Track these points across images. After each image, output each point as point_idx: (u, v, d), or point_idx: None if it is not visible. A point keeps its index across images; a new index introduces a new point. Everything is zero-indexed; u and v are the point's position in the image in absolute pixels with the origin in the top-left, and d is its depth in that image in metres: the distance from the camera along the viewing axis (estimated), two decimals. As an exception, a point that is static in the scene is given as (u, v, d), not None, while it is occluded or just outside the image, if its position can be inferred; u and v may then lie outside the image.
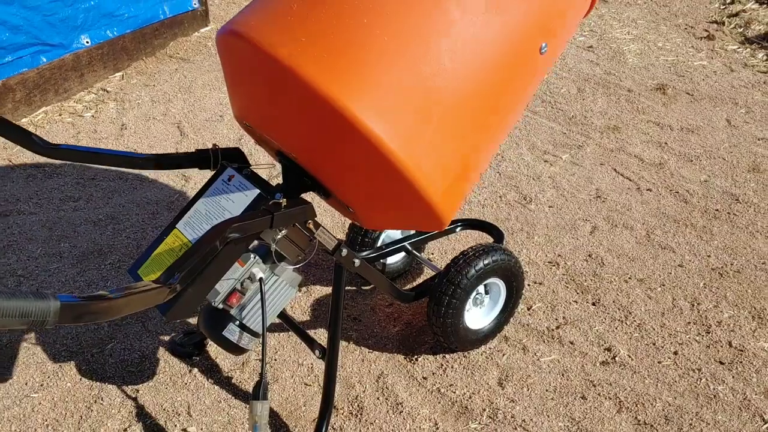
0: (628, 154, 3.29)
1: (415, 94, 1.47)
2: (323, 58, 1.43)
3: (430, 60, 1.48)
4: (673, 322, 2.32)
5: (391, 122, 1.44)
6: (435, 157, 1.54)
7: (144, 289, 1.18)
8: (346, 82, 1.42)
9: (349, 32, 1.46)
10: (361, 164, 1.52)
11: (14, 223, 2.81)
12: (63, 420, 1.99)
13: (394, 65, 1.45)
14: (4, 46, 3.38)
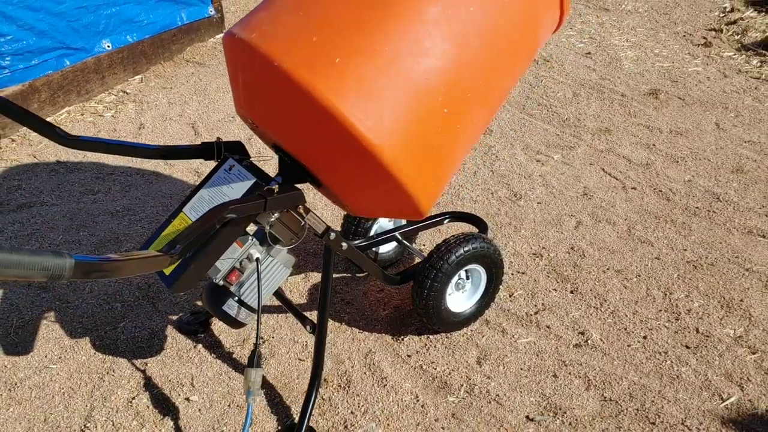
0: (617, 155, 3.45)
1: (395, 92, 1.65)
2: (314, 62, 1.61)
3: (409, 60, 1.66)
4: (645, 310, 2.48)
5: (372, 118, 1.62)
6: (414, 151, 1.72)
7: (147, 255, 1.38)
8: (331, 82, 1.60)
9: (338, 38, 1.64)
10: (346, 157, 1.71)
11: (37, 214, 3.04)
12: (78, 389, 2.19)
13: (376, 65, 1.63)
14: (31, 50, 3.62)
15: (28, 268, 1.12)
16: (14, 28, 3.49)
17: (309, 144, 1.76)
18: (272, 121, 1.83)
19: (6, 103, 1.87)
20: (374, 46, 1.63)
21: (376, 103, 1.63)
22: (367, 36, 1.64)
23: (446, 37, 1.69)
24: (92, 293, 2.58)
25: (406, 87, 1.66)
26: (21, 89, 3.62)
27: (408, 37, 1.65)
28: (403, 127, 1.67)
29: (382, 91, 1.64)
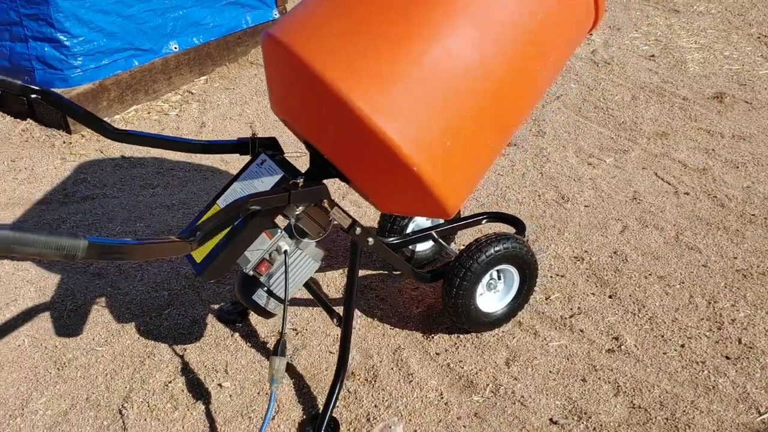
0: (672, 160, 3.35)
1: (427, 100, 1.68)
2: (348, 68, 1.65)
3: (442, 68, 1.68)
4: (686, 318, 2.40)
5: (403, 125, 1.65)
6: (442, 156, 1.74)
7: (165, 241, 1.45)
8: (365, 89, 1.64)
9: (373, 47, 1.67)
10: (374, 160, 1.74)
11: (99, 205, 3.21)
12: (120, 371, 2.31)
13: (410, 73, 1.66)
14: (102, 50, 3.83)
15: (43, 246, 1.21)
16: (86, 30, 3.70)
17: (338, 145, 1.81)
18: (304, 122, 1.88)
19: (60, 99, 2.00)
20: (410, 55, 1.66)
21: (408, 111, 1.66)
22: (403, 46, 1.66)
23: (480, 45, 1.71)
24: (142, 281, 2.71)
25: (437, 95, 1.68)
26: (92, 87, 3.84)
27: (442, 46, 1.67)
28: (432, 134, 1.70)
29: (413, 98, 1.67)
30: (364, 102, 1.63)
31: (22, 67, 3.74)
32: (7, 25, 3.66)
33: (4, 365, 2.34)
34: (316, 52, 1.68)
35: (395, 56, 1.66)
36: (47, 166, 3.54)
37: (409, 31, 1.68)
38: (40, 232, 1.20)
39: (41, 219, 3.12)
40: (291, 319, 2.49)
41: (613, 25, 5.03)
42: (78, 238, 1.25)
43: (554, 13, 1.81)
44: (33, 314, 2.57)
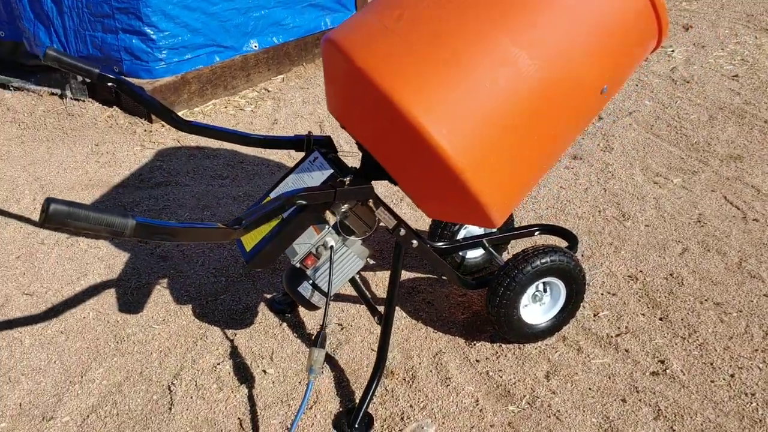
0: (745, 184, 3.23)
1: (478, 113, 1.71)
2: (406, 78, 1.70)
3: (496, 83, 1.71)
4: (739, 347, 2.33)
5: (453, 134, 1.69)
6: (491, 167, 1.76)
7: (208, 226, 1.54)
8: (418, 98, 1.68)
9: (434, 58, 1.71)
10: (423, 165, 1.78)
11: (171, 192, 3.37)
12: (173, 349, 2.43)
13: (464, 86, 1.69)
14: (185, 45, 4.01)
15: (95, 222, 1.31)
16: (172, 25, 3.89)
17: (390, 150, 1.85)
18: (357, 125, 1.94)
19: (132, 89, 2.14)
20: (465, 67, 1.69)
21: (459, 121, 1.69)
22: (458, 57, 1.70)
23: (535, 61, 1.72)
24: (203, 266, 2.84)
25: (490, 109, 1.71)
26: (174, 80, 4.03)
27: (497, 60, 1.70)
28: (481, 145, 1.72)
29: (466, 110, 1.70)
30: (417, 109, 1.67)
31: (112, 57, 3.97)
32: (101, 18, 3.89)
33: (69, 334, 2.50)
34: (375, 62, 1.73)
35: (452, 70, 1.70)
36: (127, 152, 3.74)
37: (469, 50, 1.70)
38: (91, 209, 1.30)
39: (117, 201, 3.31)
40: (337, 314, 2.55)
41: (698, 42, 4.89)
42: (127, 217, 1.35)
43: (615, 35, 1.80)
44: (100, 289, 2.73)
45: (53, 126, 4.04)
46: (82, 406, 2.22)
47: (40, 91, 4.32)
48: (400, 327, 2.49)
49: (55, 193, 3.39)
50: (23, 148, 3.83)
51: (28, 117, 4.14)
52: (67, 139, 3.91)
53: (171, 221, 1.45)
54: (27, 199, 3.35)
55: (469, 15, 1.73)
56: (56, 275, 2.81)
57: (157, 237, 1.42)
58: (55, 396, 2.26)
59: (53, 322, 2.57)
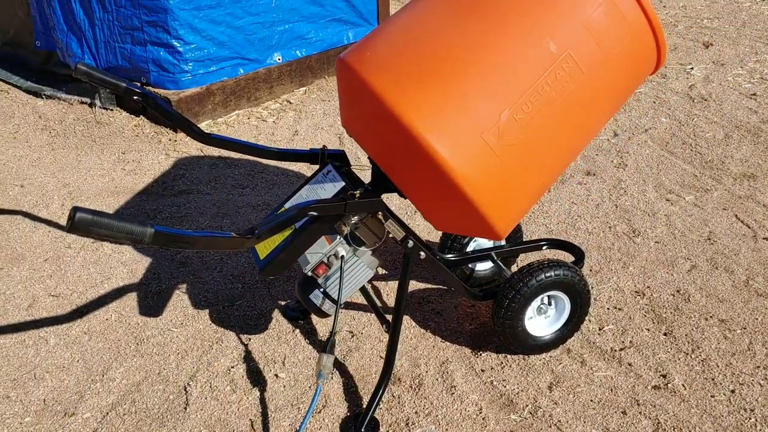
0: (757, 203, 3.26)
1: (480, 130, 1.78)
2: (411, 95, 1.79)
3: (498, 100, 1.79)
4: (741, 364, 2.36)
5: (455, 146, 1.77)
6: (493, 180, 1.84)
7: (223, 235, 1.63)
8: (423, 113, 1.77)
9: (440, 75, 1.80)
10: (427, 179, 1.86)
11: (192, 200, 3.49)
12: (190, 351, 2.53)
13: (467, 103, 1.77)
14: (210, 58, 4.14)
15: (116, 230, 1.40)
16: (198, 38, 4.02)
17: (395, 163, 1.94)
18: (367, 140, 2.03)
19: (156, 101, 2.24)
20: (468, 86, 1.77)
21: (461, 134, 1.77)
22: (463, 77, 1.78)
23: (537, 80, 1.79)
24: (221, 273, 2.94)
25: (491, 123, 1.78)
26: (199, 91, 4.16)
27: (500, 80, 1.78)
28: (484, 158, 1.80)
29: (468, 123, 1.77)
30: (418, 122, 1.75)
31: (140, 68, 4.11)
32: (130, 30, 4.03)
33: (92, 335, 2.62)
34: (385, 82, 1.81)
35: (455, 86, 1.78)
36: (152, 160, 3.87)
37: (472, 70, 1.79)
38: (114, 218, 1.40)
39: (141, 208, 3.43)
40: (349, 322, 2.63)
41: (717, 60, 4.91)
42: (146, 225, 1.44)
43: (613, 58, 1.86)
44: (122, 293, 2.84)
45: (82, 134, 4.19)
46: (102, 403, 2.32)
47: (70, 99, 4.48)
48: (408, 336, 2.56)
49: (83, 199, 3.53)
50: (53, 155, 3.98)
51: (58, 125, 4.30)
52: (96, 147, 4.05)
53: (188, 230, 1.54)
54: (56, 204, 3.49)
55: (475, 42, 1.81)
56: (81, 278, 2.93)
57: (175, 245, 1.51)
58: (77, 393, 2.36)
59: (77, 323, 2.68)
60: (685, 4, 6.19)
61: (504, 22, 1.79)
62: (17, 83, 4.85)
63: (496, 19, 1.79)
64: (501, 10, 1.80)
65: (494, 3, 1.81)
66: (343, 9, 4.71)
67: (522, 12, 1.80)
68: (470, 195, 1.83)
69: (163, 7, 3.86)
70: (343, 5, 4.70)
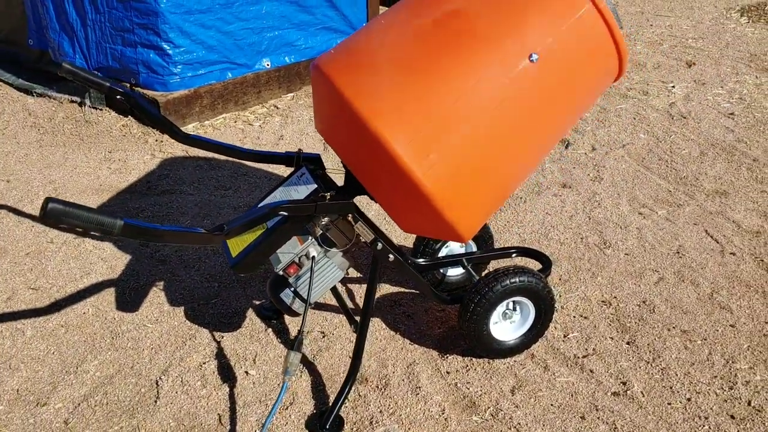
0: (727, 219, 3.33)
1: (442, 130, 1.86)
2: (381, 105, 1.86)
3: (462, 108, 1.86)
4: (699, 373, 2.43)
5: (418, 149, 1.84)
6: (457, 186, 1.91)
7: (192, 231, 1.69)
8: (385, 115, 1.84)
9: (410, 88, 1.87)
10: (391, 180, 1.93)
11: (175, 200, 3.54)
12: (163, 347, 2.58)
13: (433, 112, 1.85)
14: (199, 61, 4.21)
15: (86, 221, 1.46)
16: (188, 41, 4.09)
17: (360, 163, 2.01)
18: (337, 143, 2.10)
19: (138, 102, 2.30)
20: (438, 95, 1.85)
21: (425, 138, 1.84)
22: (434, 86, 1.85)
23: (500, 89, 1.87)
24: (198, 271, 2.99)
25: (460, 132, 1.86)
26: (187, 94, 4.22)
27: (472, 88, 1.85)
28: (448, 165, 1.87)
29: (432, 127, 1.85)
30: (381, 123, 1.82)
31: (129, 69, 4.17)
32: (121, 32, 4.10)
33: (69, 328, 2.67)
34: (355, 88, 1.89)
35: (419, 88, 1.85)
36: (138, 160, 3.93)
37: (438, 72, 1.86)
38: (85, 209, 1.46)
39: (124, 206, 3.48)
40: (321, 322, 2.69)
41: (698, 79, 5.01)
42: (116, 218, 1.50)
43: (573, 62, 1.94)
44: (101, 288, 2.90)
45: (70, 132, 4.25)
46: (75, 394, 2.37)
47: (60, 98, 4.54)
48: (378, 337, 2.62)
49: (67, 196, 3.58)
50: (41, 152, 4.03)
51: (47, 123, 4.35)
52: (83, 145, 4.11)
53: (157, 224, 1.60)
54: (40, 200, 3.54)
55: (441, 50, 1.88)
56: (61, 272, 2.98)
57: (144, 237, 1.57)
58: (51, 384, 2.41)
59: (55, 316, 2.73)
60: (672, 23, 6.30)
61: (464, 28, 1.87)
62: (9, 80, 4.90)
63: (457, 26, 1.87)
64: (462, 18, 1.88)
65: (455, 14, 1.89)
66: (333, 18, 4.79)
67: (483, 17, 1.87)
68: (431, 196, 1.89)
69: (153, 11, 3.93)
70: (333, 14, 4.78)
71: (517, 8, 1.89)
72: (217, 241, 1.78)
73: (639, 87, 4.90)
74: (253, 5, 4.35)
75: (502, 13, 1.87)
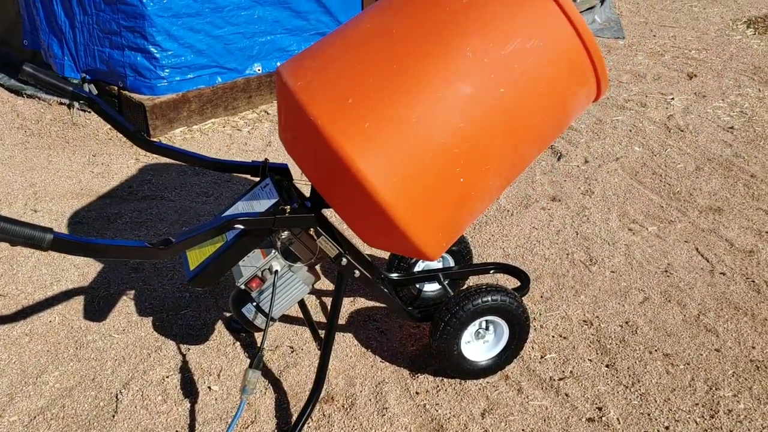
0: (719, 237, 3.23)
1: (410, 152, 1.77)
2: (340, 116, 1.78)
3: (429, 126, 1.77)
4: (680, 400, 2.33)
5: (378, 163, 1.76)
6: (421, 205, 1.82)
7: (134, 245, 1.61)
8: (348, 131, 1.76)
9: (370, 100, 1.79)
10: (354, 197, 1.85)
11: (155, 206, 3.48)
12: (127, 359, 2.51)
13: (398, 128, 1.76)
14: (188, 65, 4.15)
15: (13, 234, 1.39)
16: (176, 45, 4.03)
17: (326, 182, 1.92)
18: (298, 153, 2.01)
19: (101, 107, 2.23)
20: (399, 111, 1.76)
21: (388, 159, 1.76)
22: (394, 101, 1.77)
23: (465, 107, 1.78)
24: (171, 280, 2.92)
25: (421, 150, 1.78)
26: (174, 98, 4.16)
27: (433, 105, 1.77)
28: (408, 180, 1.78)
29: (395, 148, 1.76)
30: (348, 145, 1.74)
31: (117, 72, 4.12)
32: (109, 34, 4.05)
33: (33, 336, 2.60)
34: (315, 99, 1.81)
35: (380, 99, 1.77)
36: (121, 165, 3.87)
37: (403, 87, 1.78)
38: (10, 222, 1.39)
39: (102, 211, 3.42)
40: (290, 336, 2.61)
41: (699, 91, 4.90)
42: (45, 231, 1.43)
43: (544, 82, 1.85)
44: (70, 295, 2.83)
45: (57, 134, 4.20)
46: (31, 407, 2.30)
47: (49, 100, 4.50)
48: (348, 354, 2.53)
49: (47, 199, 3.52)
50: (25, 154, 3.98)
51: (34, 124, 4.31)
52: (68, 148, 4.06)
53: (96, 238, 1.53)
54: (19, 203, 3.49)
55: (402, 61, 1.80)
56: (32, 279, 2.92)
57: (79, 252, 1.50)
58: (8, 395, 2.34)
59: (20, 324, 2.67)
60: (675, 34, 6.19)
61: (429, 39, 1.78)
62: (0, 81, 4.87)
63: (422, 36, 1.79)
64: (426, 28, 1.80)
65: (422, 23, 1.81)
66: (327, 23, 4.72)
67: (453, 24, 1.79)
68: (393, 214, 1.81)
69: (140, 13, 3.88)
70: (327, 20, 4.71)
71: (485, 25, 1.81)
72: (163, 256, 1.70)
73: (637, 98, 4.79)
74: (245, 10, 4.28)
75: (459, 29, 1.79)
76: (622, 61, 5.52)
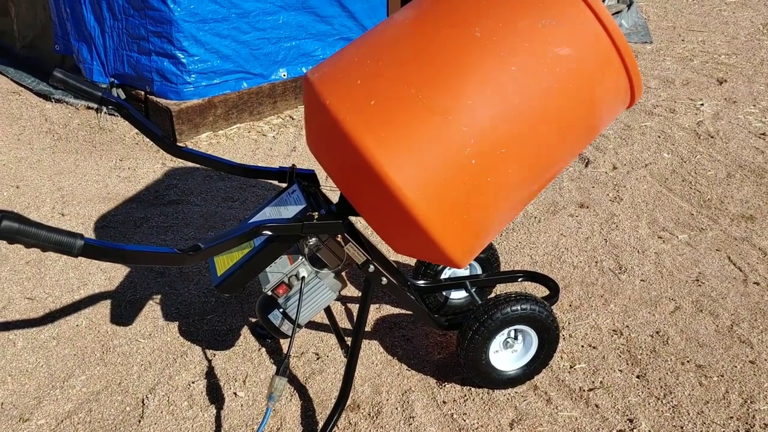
0: (752, 245, 3.16)
1: (437, 156, 1.74)
2: (368, 119, 1.76)
3: (457, 131, 1.75)
4: (714, 413, 2.27)
5: (407, 170, 1.73)
6: (448, 210, 1.79)
7: (162, 251, 1.61)
8: (377, 136, 1.74)
9: (399, 103, 1.77)
10: (379, 201, 1.82)
11: (181, 211, 3.49)
12: (153, 364, 2.51)
13: (426, 133, 1.74)
14: (214, 71, 4.16)
15: (43, 240, 1.39)
16: (202, 50, 4.05)
17: (354, 188, 1.90)
18: (327, 161, 2.00)
19: (129, 112, 2.24)
20: (431, 116, 1.74)
21: (417, 164, 1.73)
22: (426, 105, 1.74)
23: (497, 111, 1.75)
24: (197, 285, 2.92)
25: (453, 156, 1.75)
26: (201, 103, 4.18)
27: (466, 111, 1.74)
28: (438, 186, 1.75)
29: (424, 153, 1.74)
30: (371, 143, 1.72)
31: (144, 77, 4.14)
32: (137, 39, 4.08)
33: (60, 340, 2.61)
34: (342, 102, 1.79)
35: (410, 108, 1.74)
36: (147, 169, 3.89)
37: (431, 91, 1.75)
38: (41, 227, 1.38)
39: (129, 215, 3.43)
40: (316, 343, 2.59)
41: (730, 97, 4.81)
42: (75, 237, 1.42)
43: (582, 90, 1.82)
44: (96, 300, 2.84)
45: (84, 139, 4.23)
46: (59, 411, 2.31)
47: (77, 104, 4.54)
48: (374, 362, 2.51)
49: (74, 203, 3.55)
50: (53, 159, 4.02)
51: (62, 129, 4.35)
52: (95, 153, 4.09)
53: (126, 244, 1.53)
54: (47, 207, 3.52)
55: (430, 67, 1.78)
56: (59, 282, 2.93)
57: (108, 258, 1.49)
58: (36, 399, 2.35)
59: (47, 328, 2.68)
60: (704, 39, 6.10)
61: (464, 47, 1.76)
62: (29, 85, 4.93)
63: (458, 43, 1.76)
64: (464, 35, 1.77)
65: (459, 28, 1.78)
66: (352, 28, 4.72)
67: (489, 35, 1.76)
68: (423, 222, 1.78)
69: (168, 19, 3.90)
70: (352, 24, 4.70)
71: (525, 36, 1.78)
72: (191, 262, 1.70)
73: (666, 104, 4.72)
74: (270, 15, 4.29)
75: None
76: (649, 66, 5.45)
